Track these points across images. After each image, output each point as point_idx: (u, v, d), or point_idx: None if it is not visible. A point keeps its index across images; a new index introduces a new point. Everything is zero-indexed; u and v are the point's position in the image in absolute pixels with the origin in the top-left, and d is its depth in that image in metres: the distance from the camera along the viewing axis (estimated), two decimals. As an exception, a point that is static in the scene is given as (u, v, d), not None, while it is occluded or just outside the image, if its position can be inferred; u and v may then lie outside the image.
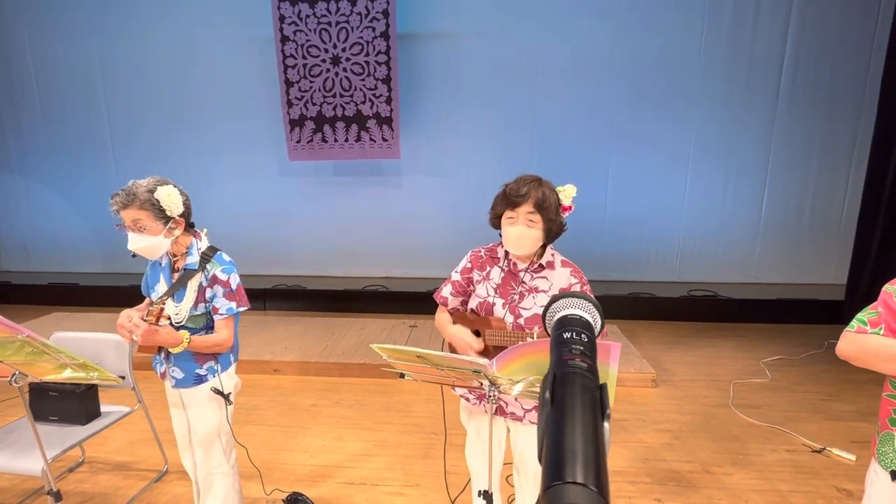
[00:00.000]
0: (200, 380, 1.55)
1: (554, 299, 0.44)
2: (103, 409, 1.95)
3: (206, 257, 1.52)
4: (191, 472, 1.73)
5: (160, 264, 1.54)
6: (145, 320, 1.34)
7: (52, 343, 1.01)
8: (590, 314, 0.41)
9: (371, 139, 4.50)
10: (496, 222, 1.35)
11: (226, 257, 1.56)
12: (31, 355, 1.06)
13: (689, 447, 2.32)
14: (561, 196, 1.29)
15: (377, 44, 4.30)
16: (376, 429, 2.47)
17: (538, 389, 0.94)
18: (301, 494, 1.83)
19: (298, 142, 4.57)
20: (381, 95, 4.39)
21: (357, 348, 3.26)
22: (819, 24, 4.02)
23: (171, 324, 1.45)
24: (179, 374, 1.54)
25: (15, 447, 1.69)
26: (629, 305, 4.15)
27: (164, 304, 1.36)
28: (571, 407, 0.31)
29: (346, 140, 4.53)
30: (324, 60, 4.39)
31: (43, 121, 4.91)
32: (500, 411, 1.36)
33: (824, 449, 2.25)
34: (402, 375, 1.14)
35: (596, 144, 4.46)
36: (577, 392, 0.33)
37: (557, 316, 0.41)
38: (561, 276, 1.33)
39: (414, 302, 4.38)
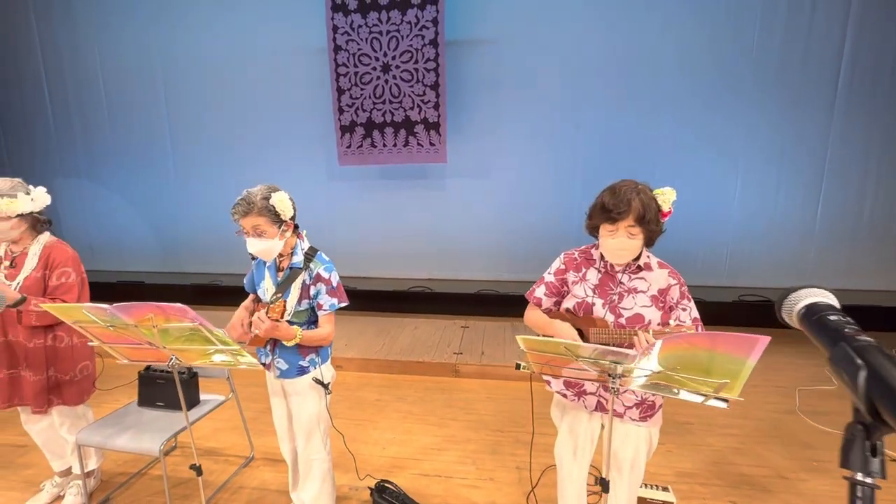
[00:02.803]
0: (303, 371, 1.66)
1: (788, 291, 0.49)
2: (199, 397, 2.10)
3: (308, 257, 1.63)
4: (288, 459, 1.85)
5: (265, 263, 1.66)
6: (268, 316, 1.45)
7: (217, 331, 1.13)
8: (830, 300, 0.47)
9: (419, 144, 4.61)
10: (593, 231, 1.40)
11: (325, 257, 1.67)
12: (185, 342, 1.19)
13: (758, 452, 2.30)
14: (660, 201, 1.33)
15: (426, 51, 4.41)
16: (442, 424, 2.56)
17: (659, 381, 0.99)
18: (389, 482, 1.92)
19: (349, 147, 4.73)
20: (429, 101, 4.50)
21: (413, 347, 3.36)
22: (880, 19, 3.89)
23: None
24: (284, 366, 1.65)
25: (133, 429, 1.86)
26: (679, 309, 4.09)
27: (285, 302, 1.47)
28: (888, 368, 0.38)
29: (395, 145, 4.66)
30: (374, 68, 4.53)
31: (109, 128, 5.25)
32: (599, 407, 1.41)
33: (904, 458, 2.19)
34: (518, 366, 1.21)
35: (642, 145, 4.44)
36: (882, 357, 0.39)
37: (802, 304, 0.47)
38: (659, 277, 1.38)
39: (459, 303, 4.46)
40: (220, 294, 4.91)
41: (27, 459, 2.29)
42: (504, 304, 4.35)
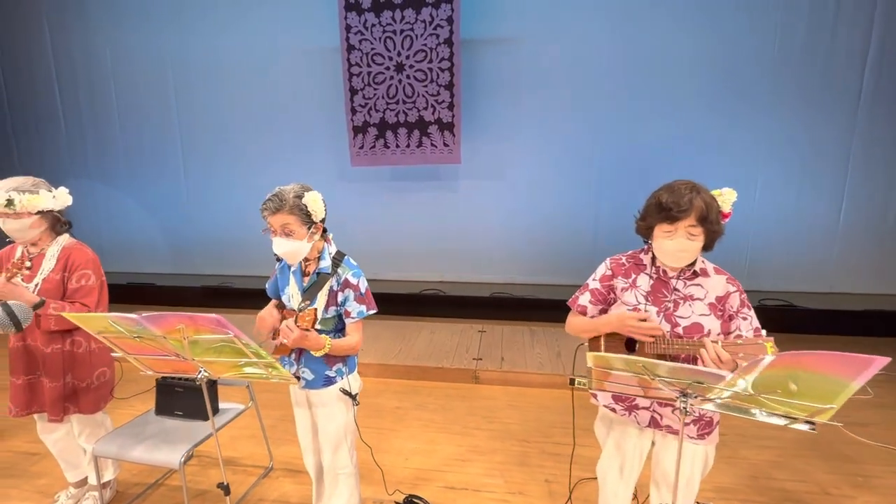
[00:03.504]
0: (330, 381, 1.58)
1: None
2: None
3: (335, 262, 1.56)
4: (311, 472, 1.76)
5: (290, 268, 1.58)
6: (297, 325, 1.37)
7: (251, 342, 1.05)
8: None
9: (432, 144, 4.54)
10: (646, 233, 1.31)
11: (353, 262, 1.60)
12: (215, 353, 1.11)
13: (797, 466, 2.20)
14: (720, 202, 1.25)
15: (440, 50, 4.34)
16: (465, 433, 2.47)
17: (737, 402, 0.91)
18: (418, 497, 1.84)
19: (361, 148, 4.66)
20: (443, 101, 4.43)
21: (431, 352, 3.28)
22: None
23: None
24: (310, 376, 1.57)
25: (152, 440, 1.78)
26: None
27: (316, 310, 1.39)
28: None
29: (408, 146, 4.59)
30: (388, 68, 4.47)
31: (120, 130, 5.21)
32: (653, 423, 1.32)
33: (954, 473, 2.09)
34: (572, 382, 1.13)
35: (659, 147, 4.35)
36: None
37: None
38: (716, 284, 1.29)
39: (472, 306, 4.38)
40: (231, 296, 4.85)
41: (40, 468, 2.22)
42: (518, 307, 4.27)
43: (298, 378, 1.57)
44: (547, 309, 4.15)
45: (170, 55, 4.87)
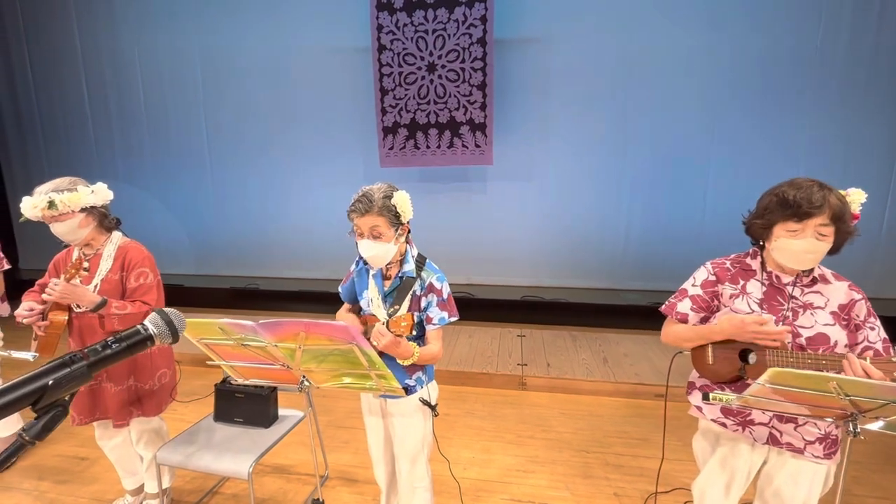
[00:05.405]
0: (409, 390, 1.51)
1: None
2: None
3: (418, 265, 1.50)
4: (382, 483, 1.70)
5: (368, 271, 1.52)
6: (391, 331, 1.31)
7: (368, 350, 0.98)
8: None
9: (464, 145, 4.48)
10: (761, 233, 1.23)
11: (435, 266, 1.54)
12: (316, 361, 1.05)
13: (877, 482, 2.10)
14: (848, 201, 1.17)
15: (473, 50, 4.29)
16: (520, 443, 2.39)
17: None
18: (494, 512, 1.77)
19: (391, 149, 4.61)
20: (475, 102, 4.37)
21: (473, 357, 3.20)
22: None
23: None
24: (387, 384, 1.51)
25: (215, 448, 1.72)
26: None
27: (412, 315, 1.33)
28: None
29: (439, 147, 4.53)
30: (419, 68, 4.42)
31: (147, 132, 5.20)
32: (772, 440, 1.24)
33: None
34: (706, 396, 1.05)
35: (694, 149, 4.26)
36: None
37: None
38: (838, 291, 1.21)
39: (503, 310, 4.31)
40: (258, 298, 4.81)
41: (92, 474, 2.18)
42: (550, 311, 4.18)
43: (407, 390, 1.48)
44: (583, 313, 4.06)
45: (198, 55, 4.86)
